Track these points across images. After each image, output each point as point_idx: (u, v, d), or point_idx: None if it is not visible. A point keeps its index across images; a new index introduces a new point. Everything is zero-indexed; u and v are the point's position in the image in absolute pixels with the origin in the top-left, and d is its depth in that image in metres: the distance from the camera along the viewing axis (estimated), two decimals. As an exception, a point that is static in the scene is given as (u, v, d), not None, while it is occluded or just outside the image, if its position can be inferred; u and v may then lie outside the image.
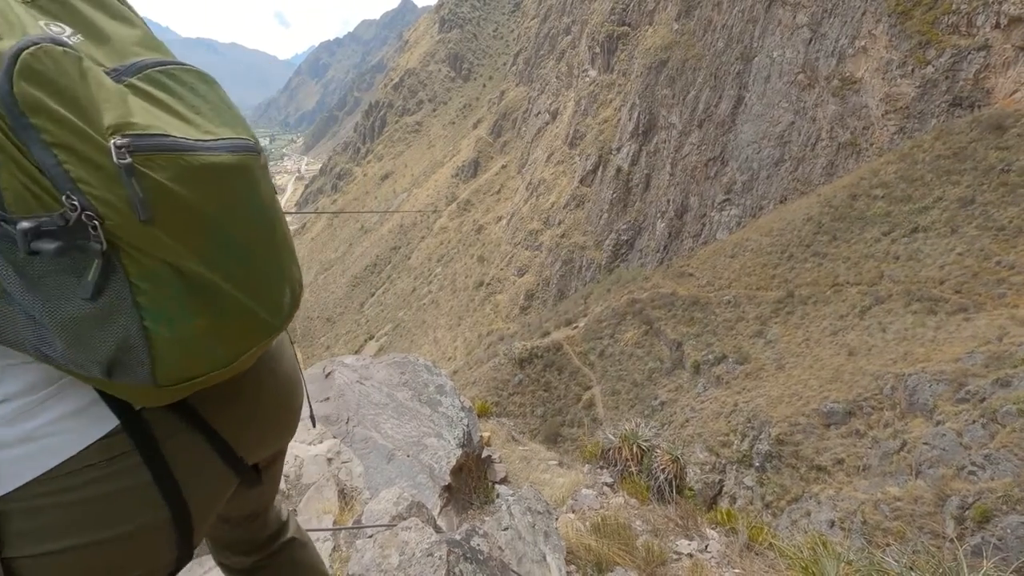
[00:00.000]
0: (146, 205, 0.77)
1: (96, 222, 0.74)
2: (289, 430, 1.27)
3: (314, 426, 3.20)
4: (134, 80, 0.88)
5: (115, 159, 0.75)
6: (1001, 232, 21.74)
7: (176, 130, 0.85)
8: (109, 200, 0.75)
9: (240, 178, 0.93)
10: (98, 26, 0.93)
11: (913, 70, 32.32)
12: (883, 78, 34.05)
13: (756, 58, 44.85)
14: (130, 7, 1.03)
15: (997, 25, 29.23)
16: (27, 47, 0.73)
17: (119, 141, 0.77)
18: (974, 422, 12.93)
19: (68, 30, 0.86)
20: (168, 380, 0.85)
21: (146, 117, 0.83)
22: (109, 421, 0.89)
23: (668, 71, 55.74)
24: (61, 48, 0.77)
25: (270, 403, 1.16)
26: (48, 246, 0.73)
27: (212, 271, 0.86)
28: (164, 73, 0.92)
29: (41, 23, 0.82)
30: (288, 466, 3.72)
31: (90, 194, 0.74)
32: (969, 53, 30.01)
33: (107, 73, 0.85)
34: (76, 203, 0.72)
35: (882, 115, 33.85)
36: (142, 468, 0.91)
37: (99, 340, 0.78)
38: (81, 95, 0.77)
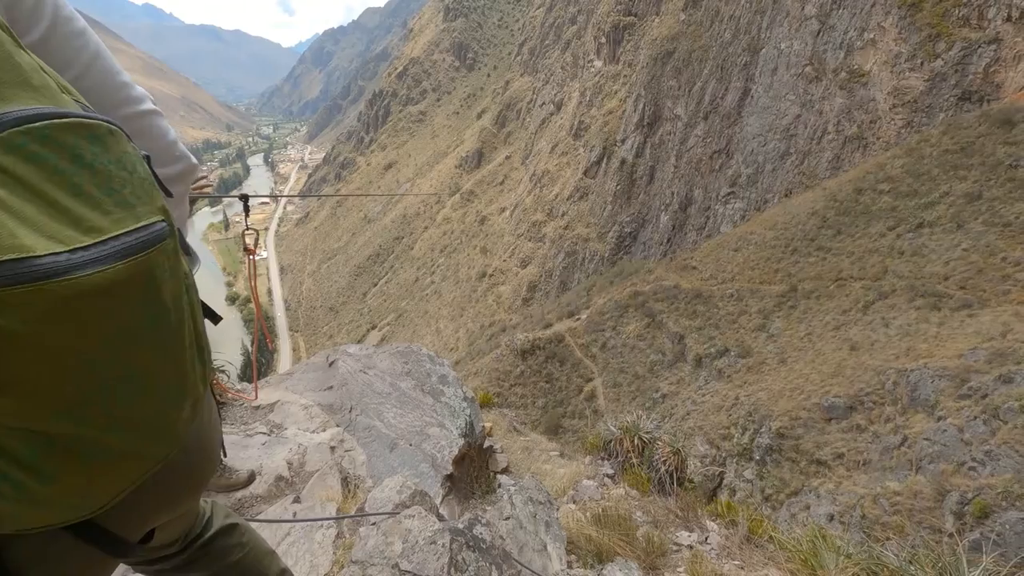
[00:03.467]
0: None
1: None
2: (197, 494, 1.06)
3: (225, 455, 3.14)
4: None
5: None
6: (1007, 228, 21.61)
7: (42, 236, 0.59)
8: None
9: (133, 294, 0.69)
10: None
11: (922, 63, 31.99)
12: (891, 71, 33.72)
13: (763, 50, 44.42)
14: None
15: (1008, 18, 28.87)
16: None
17: None
18: (975, 418, 12.93)
19: None
20: (21, 530, 0.68)
21: None
22: None
23: (674, 62, 55.29)
24: None
25: (170, 482, 0.93)
26: None
27: (83, 425, 0.65)
28: (34, 135, 0.63)
29: None
30: (292, 454, 3.75)
31: None
32: (979, 46, 29.67)
33: None
34: None
35: (890, 109, 33.57)
36: None
37: None
38: None
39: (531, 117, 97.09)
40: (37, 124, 0.63)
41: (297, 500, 3.15)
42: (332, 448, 3.91)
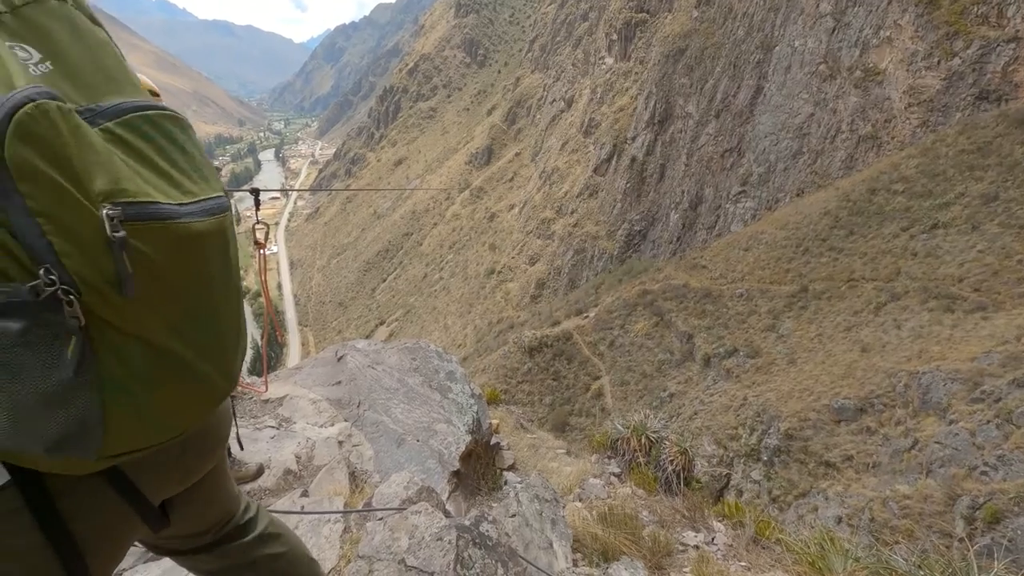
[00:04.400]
0: (132, 281, 0.72)
1: (73, 297, 0.67)
2: (208, 463, 1.16)
3: (241, 448, 3.13)
4: (112, 126, 0.78)
5: (108, 231, 0.69)
6: (1024, 230, 21.30)
7: (160, 192, 0.80)
8: (90, 275, 0.69)
9: (217, 244, 0.89)
10: (68, 53, 0.80)
11: (939, 62, 31.49)
12: (907, 70, 33.24)
13: (777, 47, 43.95)
14: (104, 29, 0.89)
15: (1029, 16, 28.35)
16: (23, 104, 0.65)
17: (110, 211, 0.70)
18: (988, 422, 12.77)
19: (35, 55, 0.75)
20: (112, 453, 0.78)
21: (135, 181, 0.77)
22: None
23: (686, 59, 54.87)
24: (56, 104, 0.69)
25: (193, 449, 1.05)
26: (13, 325, 0.66)
27: (182, 343, 0.82)
28: (145, 119, 0.83)
29: (6, 45, 0.72)
30: (300, 447, 3.78)
31: (72, 269, 0.67)
32: (998, 45, 29.16)
33: (80, 112, 0.74)
34: (54, 278, 0.66)
35: (905, 108, 33.10)
36: (33, 529, 0.80)
37: (53, 419, 0.70)
38: (74, 157, 0.69)
39: (541, 114, 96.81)
40: (148, 112, 0.84)
41: (305, 494, 3.18)
42: (340, 443, 3.93)
